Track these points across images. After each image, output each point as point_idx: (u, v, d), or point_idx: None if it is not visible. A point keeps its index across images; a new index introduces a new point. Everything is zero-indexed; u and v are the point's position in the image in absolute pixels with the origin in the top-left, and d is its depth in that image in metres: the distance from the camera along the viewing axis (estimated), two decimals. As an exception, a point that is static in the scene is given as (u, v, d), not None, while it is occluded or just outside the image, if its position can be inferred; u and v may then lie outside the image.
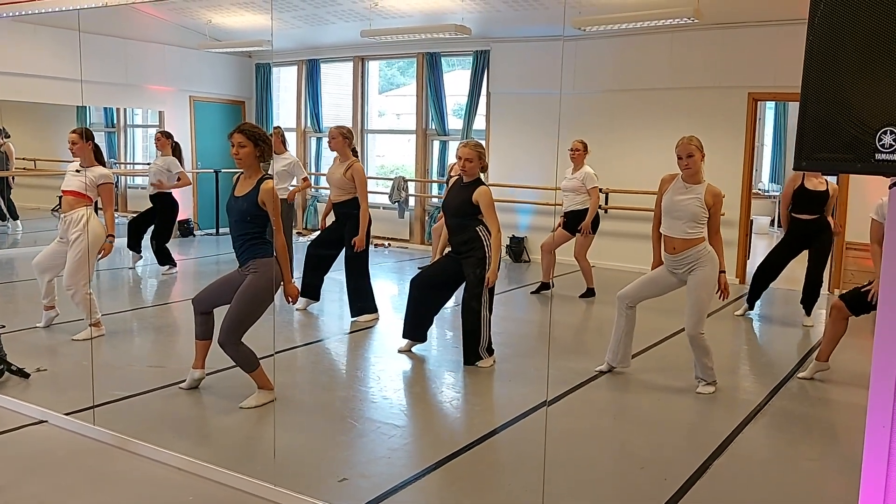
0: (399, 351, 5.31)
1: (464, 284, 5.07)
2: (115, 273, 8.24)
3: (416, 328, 5.30)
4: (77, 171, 5.43)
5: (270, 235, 4.03)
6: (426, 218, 10.47)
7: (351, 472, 3.38)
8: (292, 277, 4.24)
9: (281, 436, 3.59)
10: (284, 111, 12.00)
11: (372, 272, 6.30)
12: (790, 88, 7.90)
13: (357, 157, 6.24)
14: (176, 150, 7.97)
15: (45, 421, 3.85)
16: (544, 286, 7.45)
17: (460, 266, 5.05)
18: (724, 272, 4.58)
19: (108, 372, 4.57)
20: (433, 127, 10.32)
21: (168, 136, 8.07)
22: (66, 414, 3.85)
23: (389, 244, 10.52)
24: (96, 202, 5.46)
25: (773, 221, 12.46)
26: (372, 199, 11.00)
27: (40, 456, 3.51)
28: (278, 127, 7.83)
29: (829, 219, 6.29)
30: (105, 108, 11.20)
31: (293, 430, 3.84)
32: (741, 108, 8.13)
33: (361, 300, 6.19)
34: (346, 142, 6.13)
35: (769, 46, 7.76)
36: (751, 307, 6.70)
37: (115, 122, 11.36)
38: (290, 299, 4.16)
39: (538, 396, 4.38)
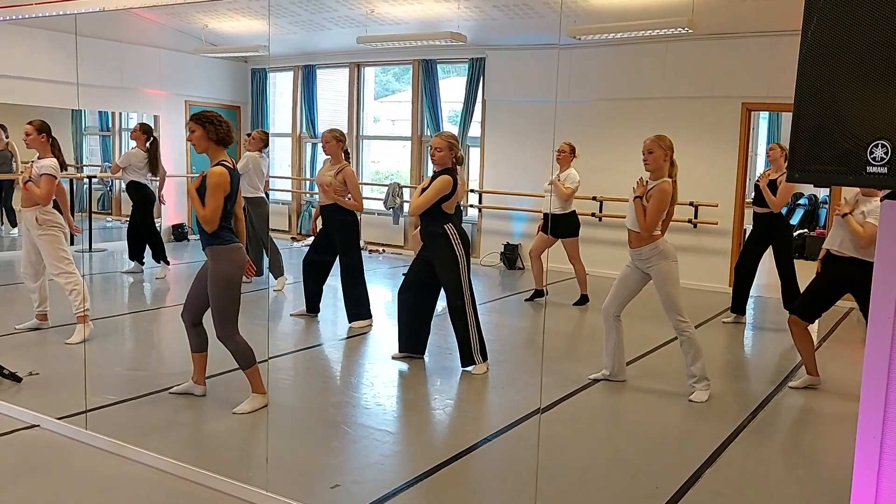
0: (393, 357, 5.30)
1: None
2: (108, 276, 8.22)
3: (410, 339, 5.26)
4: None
5: (225, 219, 3.99)
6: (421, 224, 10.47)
7: (344, 479, 3.38)
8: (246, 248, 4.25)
9: (274, 441, 3.58)
10: (280, 116, 12.00)
11: (366, 278, 6.29)
12: (784, 99, 7.90)
13: (349, 160, 6.24)
14: (153, 145, 7.89)
15: (38, 425, 3.84)
16: (538, 293, 7.45)
17: (433, 266, 5.03)
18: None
19: (100, 376, 4.56)
20: (428, 133, 10.34)
21: (143, 129, 7.98)
22: (59, 418, 3.84)
23: (384, 250, 10.52)
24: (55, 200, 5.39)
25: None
26: (367, 204, 11.04)
27: (32, 460, 3.49)
28: (258, 130, 7.82)
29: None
30: (100, 112, 11.18)
31: (286, 435, 3.83)
32: (735, 118, 8.18)
33: (356, 306, 6.19)
34: (340, 145, 6.15)
35: (763, 57, 7.81)
36: (740, 313, 6.70)
37: (111, 125, 11.34)
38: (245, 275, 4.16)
39: (531, 404, 4.39)
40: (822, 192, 11.41)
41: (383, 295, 7.89)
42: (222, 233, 4.00)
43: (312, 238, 6.53)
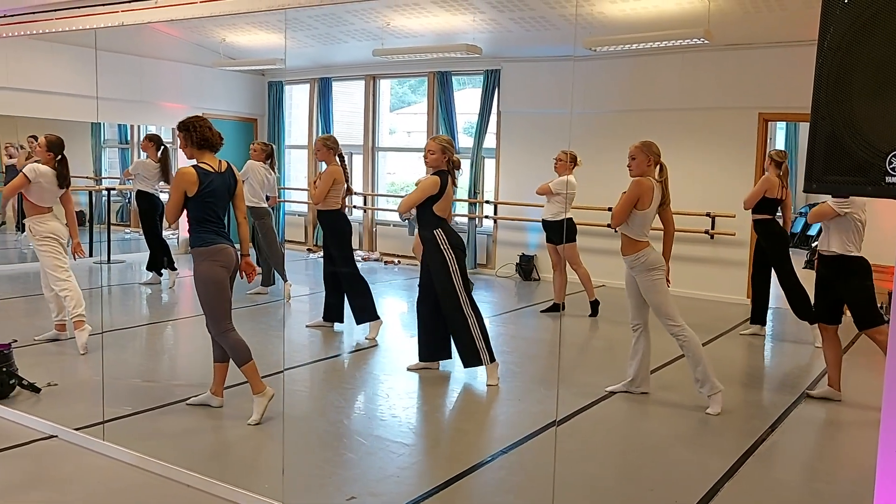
0: (408, 369, 5.30)
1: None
2: (126, 288, 8.29)
3: (429, 348, 5.27)
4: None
5: (207, 222, 4.06)
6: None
7: (360, 491, 3.37)
8: (248, 253, 4.31)
9: (289, 453, 3.59)
10: (296, 129, 12.08)
11: (382, 289, 6.31)
12: (801, 109, 7.86)
13: (342, 163, 6.26)
14: (164, 154, 7.98)
15: (56, 436, 3.87)
16: (555, 307, 7.38)
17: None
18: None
19: (117, 387, 4.59)
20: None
21: (152, 139, 8.07)
22: (76, 429, 3.87)
23: (399, 261, 10.53)
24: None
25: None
26: (382, 216, 11.10)
27: (50, 471, 3.52)
28: (258, 142, 7.90)
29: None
30: (119, 125, 11.31)
31: (302, 447, 3.83)
32: (752, 129, 8.13)
33: (360, 308, 6.20)
34: (330, 151, 6.19)
35: (780, 67, 7.77)
36: (761, 323, 6.62)
37: (129, 138, 11.47)
38: (243, 275, 4.24)
39: (547, 416, 4.37)
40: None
41: (398, 306, 7.90)
42: (203, 234, 4.07)
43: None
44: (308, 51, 10.38)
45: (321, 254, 10.66)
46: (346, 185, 6.25)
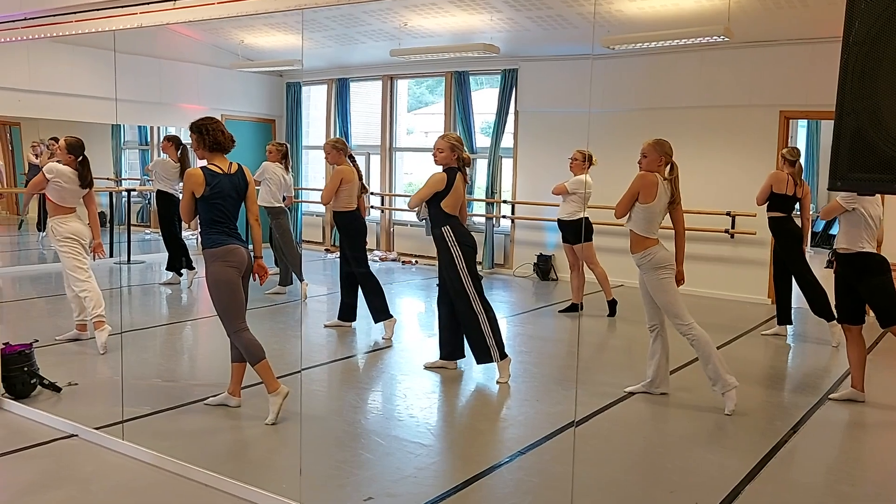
0: (426, 367, 5.29)
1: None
2: (146, 288, 8.35)
3: (447, 345, 5.28)
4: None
5: (217, 224, 4.08)
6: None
7: (377, 491, 3.36)
8: (261, 255, 4.32)
9: (307, 453, 3.59)
10: (314, 129, 12.12)
11: (399, 289, 6.30)
12: (822, 106, 7.80)
13: (354, 164, 6.31)
14: (183, 154, 8.03)
15: (76, 435, 3.90)
16: (573, 307, 7.35)
17: None
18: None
19: (137, 387, 4.62)
20: (461, 145, 10.33)
21: (171, 140, 8.14)
22: (96, 428, 3.90)
23: (416, 261, 10.53)
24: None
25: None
26: (399, 216, 11.10)
27: (70, 469, 3.54)
28: (272, 143, 7.95)
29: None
30: (139, 126, 11.41)
31: (319, 447, 3.83)
32: (772, 127, 8.04)
33: (374, 307, 6.22)
34: (340, 153, 6.23)
35: (801, 64, 7.69)
36: (787, 323, 6.50)
37: (149, 139, 11.57)
38: (255, 278, 4.26)
39: (566, 416, 4.34)
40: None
41: (416, 306, 7.89)
42: (214, 236, 4.10)
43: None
44: (325, 51, 10.41)
45: (338, 254, 10.73)
46: (360, 185, 6.27)
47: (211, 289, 4.11)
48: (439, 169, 5.07)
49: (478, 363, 5.10)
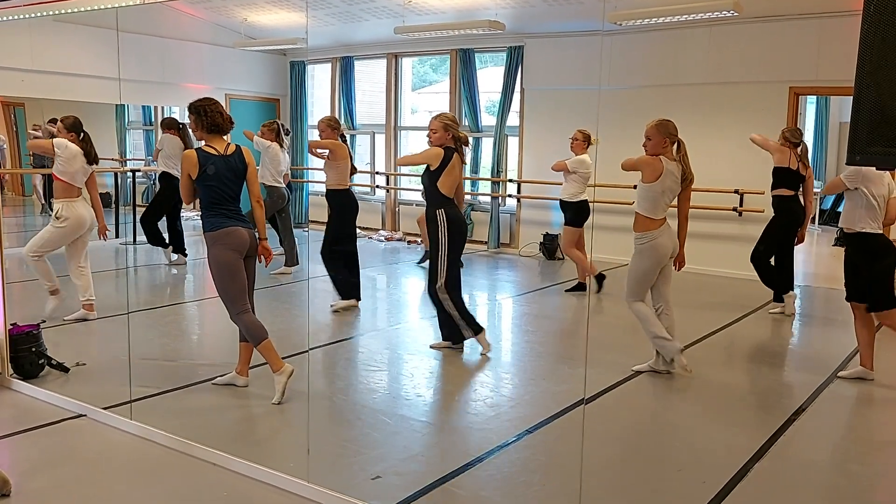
0: (431, 347, 5.28)
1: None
2: (152, 268, 8.35)
3: (445, 326, 5.27)
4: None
5: (215, 206, 4.06)
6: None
7: (384, 470, 3.37)
8: (265, 237, 4.30)
9: (315, 432, 3.59)
10: (318, 108, 12.06)
11: (404, 269, 6.29)
12: (832, 83, 7.72)
13: (345, 142, 6.41)
14: (183, 131, 8.05)
15: (84, 415, 3.90)
16: (580, 286, 7.32)
17: None
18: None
19: (145, 366, 4.62)
20: (466, 124, 10.28)
21: (170, 126, 8.20)
22: (105, 408, 3.90)
23: (422, 241, 10.50)
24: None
25: (813, 218, 12.19)
26: (405, 195, 11.06)
27: (79, 449, 3.55)
28: (266, 122, 7.94)
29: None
30: (143, 107, 11.36)
31: (327, 426, 3.84)
32: (782, 103, 7.95)
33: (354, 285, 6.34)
34: (334, 133, 6.29)
35: (811, 39, 7.59)
36: (777, 299, 6.52)
37: (153, 120, 11.52)
38: (260, 259, 4.26)
39: (573, 395, 4.33)
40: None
41: (421, 286, 7.88)
42: (213, 218, 4.08)
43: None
44: (329, 29, 10.32)
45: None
46: (350, 164, 6.36)
47: (213, 271, 4.10)
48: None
49: (453, 344, 5.15)
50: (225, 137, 4.18)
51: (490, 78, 10.89)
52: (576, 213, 7.00)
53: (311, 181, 11.93)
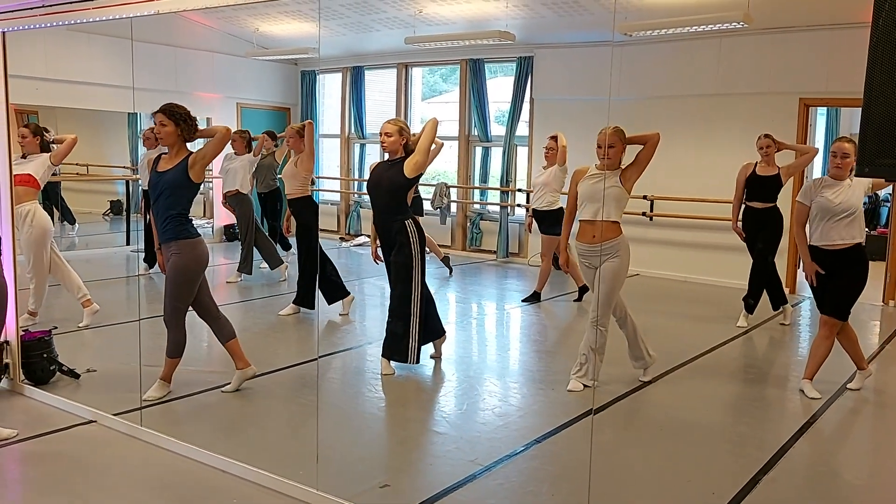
0: (431, 357, 5.26)
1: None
2: (161, 277, 8.38)
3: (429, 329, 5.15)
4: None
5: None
6: (468, 224, 10.45)
7: (393, 478, 3.37)
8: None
9: (324, 440, 3.60)
10: (329, 118, 12.11)
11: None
12: (842, 94, 7.70)
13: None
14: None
15: (95, 421, 3.93)
16: (584, 289, 7.29)
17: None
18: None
19: (154, 373, 4.64)
20: (476, 133, 10.31)
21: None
22: (115, 414, 3.92)
23: (429, 251, 10.51)
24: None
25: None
26: (414, 205, 11.06)
27: (89, 455, 3.57)
28: (243, 131, 8.08)
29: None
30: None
31: (336, 434, 3.85)
32: (792, 114, 7.94)
33: (323, 289, 6.35)
34: (302, 140, 6.31)
35: (821, 51, 7.58)
36: (749, 311, 6.47)
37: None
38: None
39: (582, 405, 4.33)
40: (885, 190, 11.01)
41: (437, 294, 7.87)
42: (188, 225, 4.16)
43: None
44: (340, 39, 10.39)
45: (354, 242, 10.73)
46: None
47: (180, 279, 4.17)
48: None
49: (389, 359, 4.90)
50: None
51: (500, 88, 10.93)
52: (554, 222, 7.02)
53: (321, 189, 11.97)
